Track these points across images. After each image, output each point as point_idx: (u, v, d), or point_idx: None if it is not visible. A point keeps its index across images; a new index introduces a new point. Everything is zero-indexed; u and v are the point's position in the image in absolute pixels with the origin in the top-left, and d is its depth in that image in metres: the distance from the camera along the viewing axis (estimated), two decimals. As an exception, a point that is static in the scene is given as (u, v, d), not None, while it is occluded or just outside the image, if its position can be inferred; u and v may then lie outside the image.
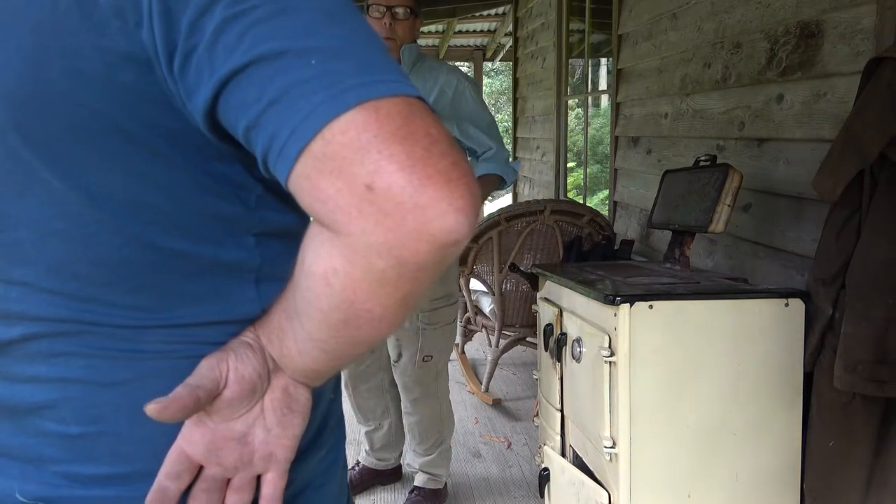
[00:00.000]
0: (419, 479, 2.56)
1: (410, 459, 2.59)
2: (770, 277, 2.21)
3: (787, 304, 1.63)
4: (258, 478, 0.63)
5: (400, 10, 2.12)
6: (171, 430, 0.60)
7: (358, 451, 2.74)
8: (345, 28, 0.52)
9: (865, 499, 1.52)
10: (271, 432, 0.61)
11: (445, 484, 2.61)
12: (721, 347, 1.62)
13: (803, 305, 1.62)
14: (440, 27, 8.06)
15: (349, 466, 2.69)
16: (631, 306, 1.57)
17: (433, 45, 9.00)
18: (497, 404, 3.49)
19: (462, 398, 3.60)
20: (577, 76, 5.06)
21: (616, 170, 3.69)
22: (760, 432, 1.65)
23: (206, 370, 0.59)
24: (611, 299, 1.59)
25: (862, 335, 1.42)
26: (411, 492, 2.56)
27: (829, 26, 1.90)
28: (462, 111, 2.26)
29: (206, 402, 0.58)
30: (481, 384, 3.61)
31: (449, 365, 4.14)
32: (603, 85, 4.82)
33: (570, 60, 4.93)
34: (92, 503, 0.61)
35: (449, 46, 8.85)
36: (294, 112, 0.48)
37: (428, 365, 2.36)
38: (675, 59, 2.92)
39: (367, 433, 2.62)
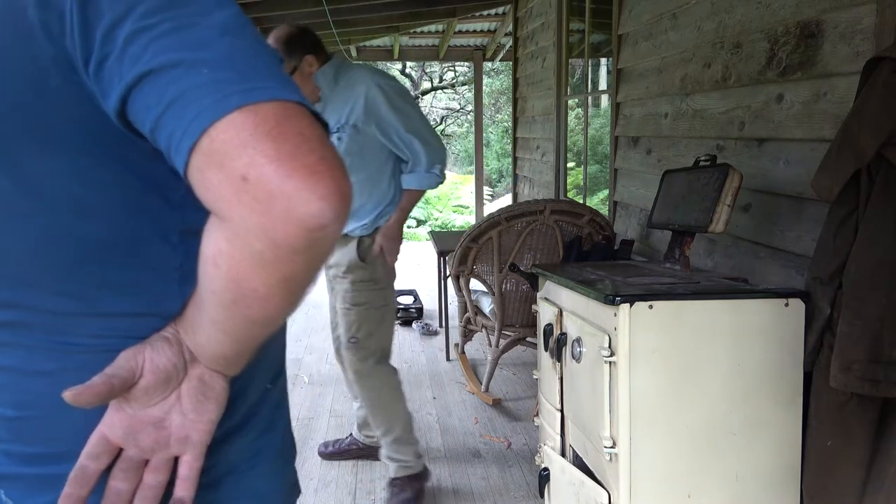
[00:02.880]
0: (391, 469, 2.61)
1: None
2: (770, 277, 2.21)
3: (786, 304, 1.63)
4: (177, 460, 0.68)
5: None
6: (96, 416, 0.66)
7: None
8: (237, 41, 0.59)
9: (862, 498, 1.52)
10: (187, 417, 0.67)
11: (425, 466, 2.65)
12: (721, 347, 1.62)
13: (803, 305, 1.62)
14: (440, 27, 8.05)
15: (345, 436, 2.93)
16: (631, 306, 1.57)
17: (433, 45, 9.00)
18: (497, 404, 3.49)
19: (462, 398, 3.60)
20: (577, 76, 5.05)
21: (616, 170, 3.69)
22: (760, 432, 1.65)
23: (122, 361, 0.65)
24: (611, 299, 1.59)
25: (857, 334, 1.43)
26: (389, 484, 2.61)
27: (829, 26, 1.90)
28: (380, 118, 2.30)
29: (120, 390, 0.64)
30: (481, 384, 3.61)
31: (448, 364, 4.15)
32: (603, 85, 4.82)
33: (570, 60, 4.93)
34: (30, 480, 0.69)
35: (449, 46, 8.85)
36: (186, 114, 0.55)
37: (356, 346, 2.46)
38: (675, 59, 2.92)
39: (356, 410, 2.80)
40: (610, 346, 1.60)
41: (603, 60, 4.65)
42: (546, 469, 2.09)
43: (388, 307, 2.54)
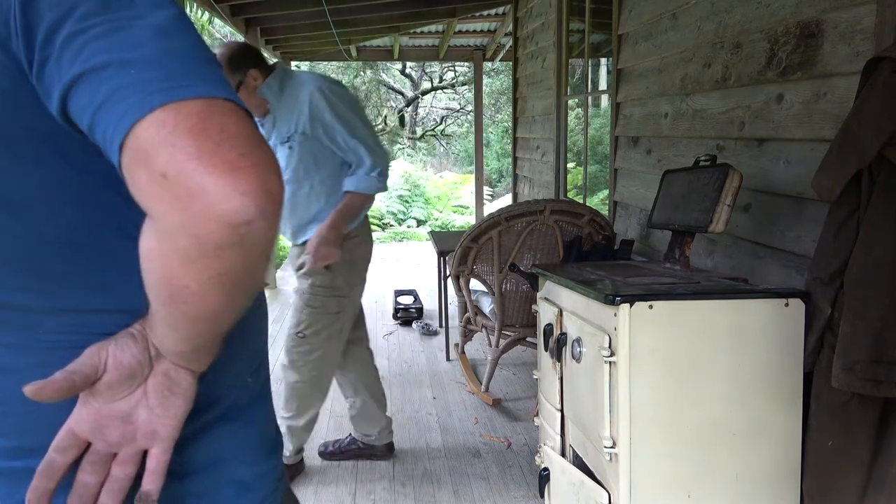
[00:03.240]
0: None
1: None
2: (770, 277, 2.21)
3: (786, 304, 1.63)
4: (146, 453, 0.70)
5: None
6: (66, 410, 0.68)
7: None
8: (169, 42, 0.60)
9: (863, 498, 1.52)
10: (154, 412, 0.68)
11: (299, 463, 2.76)
12: (721, 347, 1.62)
13: (803, 305, 1.62)
14: (440, 27, 8.05)
15: (345, 436, 2.96)
16: (631, 306, 1.57)
17: (433, 45, 9.00)
18: (497, 404, 3.49)
19: (462, 398, 3.60)
20: (577, 76, 5.05)
21: (616, 170, 3.69)
22: (760, 432, 1.65)
23: (86, 357, 0.67)
24: (611, 299, 1.59)
25: (859, 334, 1.42)
26: None
27: (829, 26, 1.90)
28: (324, 123, 2.34)
29: (82, 386, 0.65)
30: (481, 384, 3.61)
31: (449, 364, 4.15)
32: (603, 85, 4.82)
33: (570, 60, 4.93)
34: (10, 474, 0.71)
35: (449, 46, 8.84)
36: (113, 114, 0.56)
37: (300, 341, 2.53)
38: (675, 59, 2.92)
39: (348, 409, 2.87)
40: (610, 346, 1.60)
41: (603, 60, 4.65)
42: (546, 469, 2.09)
43: (343, 314, 2.56)
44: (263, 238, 0.57)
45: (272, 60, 2.58)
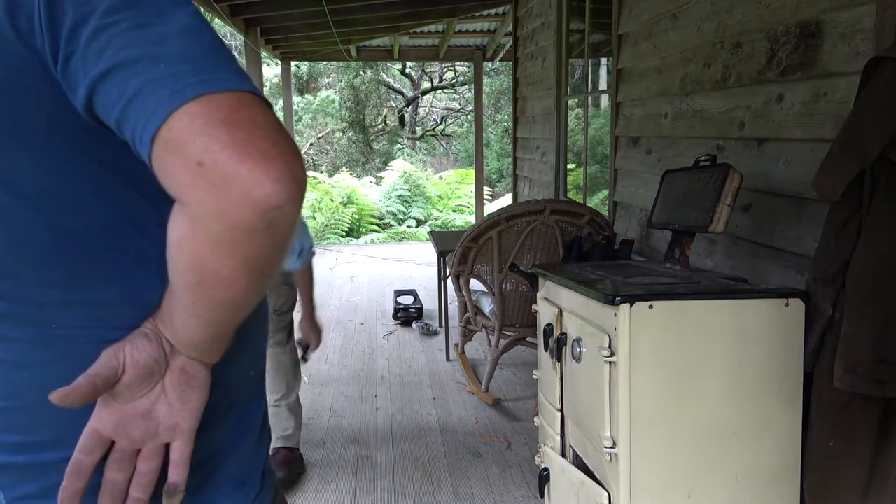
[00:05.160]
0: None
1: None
2: (770, 277, 2.21)
3: (787, 304, 1.63)
4: (168, 446, 0.71)
5: None
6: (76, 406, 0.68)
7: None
8: (193, 37, 0.62)
9: (865, 498, 1.52)
10: (173, 407, 0.70)
11: (297, 459, 2.77)
12: (721, 347, 1.62)
13: (803, 305, 1.62)
14: (440, 27, 8.05)
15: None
16: (631, 306, 1.57)
17: (433, 45, 8.99)
18: (497, 404, 3.49)
19: (462, 398, 3.60)
20: (577, 76, 5.05)
21: (616, 170, 3.69)
22: (760, 432, 1.65)
23: (104, 360, 0.67)
24: (611, 299, 1.59)
25: (862, 335, 1.42)
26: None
27: (829, 26, 1.90)
28: None
29: (104, 388, 0.67)
30: (481, 384, 3.61)
31: (449, 364, 4.16)
32: (603, 85, 4.81)
33: (570, 60, 4.93)
34: (17, 469, 0.72)
35: (449, 46, 8.84)
36: (146, 107, 0.58)
37: (278, 319, 2.68)
38: (675, 59, 2.92)
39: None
40: (610, 346, 1.60)
41: (603, 60, 4.64)
42: (546, 469, 2.09)
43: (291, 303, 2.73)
44: (289, 224, 0.60)
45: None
